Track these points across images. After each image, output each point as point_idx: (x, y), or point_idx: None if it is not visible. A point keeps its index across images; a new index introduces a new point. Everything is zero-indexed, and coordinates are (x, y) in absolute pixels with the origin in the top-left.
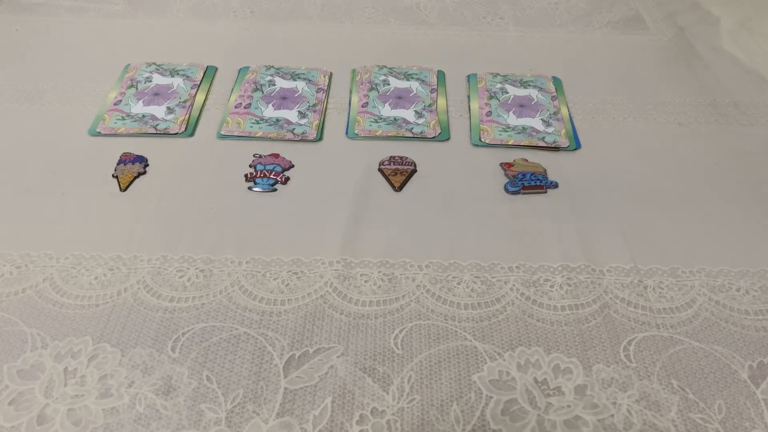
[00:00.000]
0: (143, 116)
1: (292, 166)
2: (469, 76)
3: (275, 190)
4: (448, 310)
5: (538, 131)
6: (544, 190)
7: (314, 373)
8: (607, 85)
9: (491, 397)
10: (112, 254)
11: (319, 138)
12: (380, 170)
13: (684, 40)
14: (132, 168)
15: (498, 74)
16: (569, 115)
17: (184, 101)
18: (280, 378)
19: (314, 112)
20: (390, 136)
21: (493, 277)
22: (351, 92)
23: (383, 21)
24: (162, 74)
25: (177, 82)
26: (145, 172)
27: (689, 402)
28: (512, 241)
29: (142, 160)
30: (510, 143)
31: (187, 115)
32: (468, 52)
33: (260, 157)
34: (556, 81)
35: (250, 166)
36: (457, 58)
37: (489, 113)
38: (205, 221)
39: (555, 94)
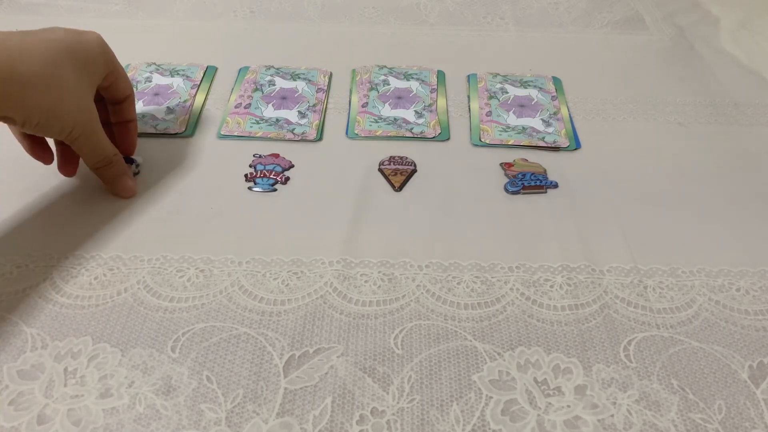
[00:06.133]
0: (143, 116)
1: (292, 166)
2: (469, 76)
3: (275, 190)
4: (448, 310)
5: (538, 131)
6: (544, 190)
7: (314, 373)
8: (607, 85)
9: (491, 397)
10: (112, 254)
11: (319, 138)
12: (380, 170)
13: (684, 40)
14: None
15: (498, 74)
16: (569, 115)
17: (184, 101)
18: (280, 378)
19: (314, 112)
20: (390, 136)
21: (493, 277)
22: (351, 92)
23: (383, 21)
24: (162, 74)
25: (177, 82)
26: (138, 172)
27: (689, 402)
28: (512, 241)
29: (131, 161)
30: (510, 143)
31: (187, 115)
32: (468, 52)
33: (260, 157)
34: (556, 81)
35: (250, 166)
36: (457, 58)
37: (489, 113)
38: (205, 221)
39: (555, 94)
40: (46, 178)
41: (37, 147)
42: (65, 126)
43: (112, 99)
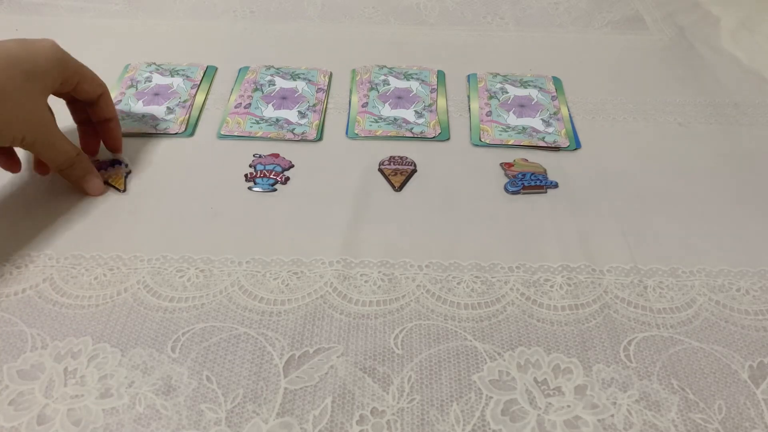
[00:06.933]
0: (143, 116)
1: (292, 166)
2: (469, 76)
3: (275, 190)
4: (448, 310)
5: (538, 131)
6: (544, 190)
7: (314, 373)
8: (607, 85)
9: (491, 397)
10: (112, 254)
11: (319, 138)
12: (380, 170)
13: (684, 40)
14: (119, 170)
15: (498, 74)
16: (569, 115)
17: (184, 101)
18: (280, 378)
19: (314, 112)
20: (390, 136)
21: (493, 277)
22: (351, 92)
23: (383, 21)
24: (162, 74)
25: (177, 82)
26: (130, 171)
27: (689, 402)
28: (512, 241)
29: (119, 163)
30: (510, 143)
31: (187, 115)
32: (468, 52)
33: (260, 157)
34: (556, 81)
35: (250, 166)
36: (457, 58)
37: (489, 113)
38: (205, 221)
39: (555, 94)
40: (45, 178)
41: (1, 156)
42: (16, 135)
43: (84, 100)
